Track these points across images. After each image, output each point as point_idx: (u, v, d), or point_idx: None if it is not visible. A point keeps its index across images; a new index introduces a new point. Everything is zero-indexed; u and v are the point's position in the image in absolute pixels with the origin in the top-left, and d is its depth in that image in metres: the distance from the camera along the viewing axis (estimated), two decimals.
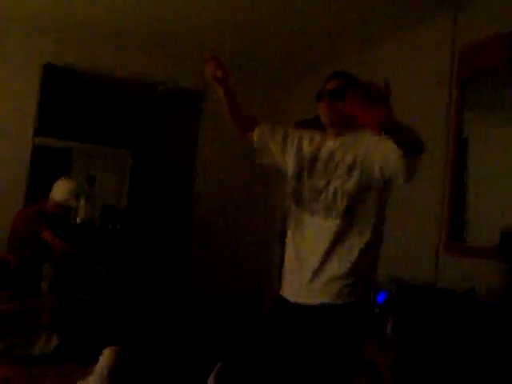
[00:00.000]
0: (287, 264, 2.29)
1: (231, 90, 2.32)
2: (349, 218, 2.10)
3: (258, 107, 4.21)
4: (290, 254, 2.27)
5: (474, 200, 3.14)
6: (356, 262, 2.09)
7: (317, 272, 2.13)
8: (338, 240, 2.11)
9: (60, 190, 4.10)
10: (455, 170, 3.22)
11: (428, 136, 3.37)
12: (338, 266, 2.10)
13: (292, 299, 2.21)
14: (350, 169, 2.11)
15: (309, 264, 2.16)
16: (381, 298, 2.76)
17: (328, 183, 2.15)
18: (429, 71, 3.54)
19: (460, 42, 3.28)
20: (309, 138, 2.31)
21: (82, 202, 7.53)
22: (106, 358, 2.47)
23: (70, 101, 6.49)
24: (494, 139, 3.05)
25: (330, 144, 2.22)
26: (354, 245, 2.10)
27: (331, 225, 2.12)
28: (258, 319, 4.89)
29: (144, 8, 3.84)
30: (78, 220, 7.36)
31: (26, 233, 3.95)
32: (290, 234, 2.29)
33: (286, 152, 2.33)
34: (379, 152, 2.00)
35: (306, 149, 2.27)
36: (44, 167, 5.57)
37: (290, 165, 2.30)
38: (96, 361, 2.50)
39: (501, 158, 2.97)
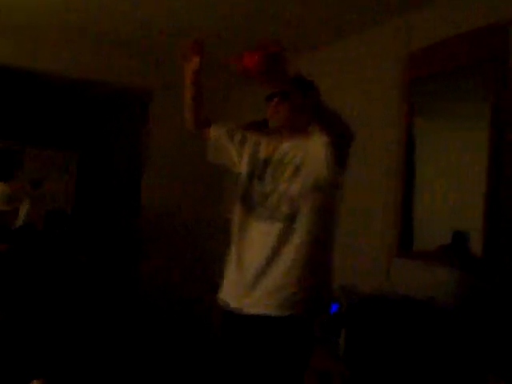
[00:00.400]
0: (229, 267, 2.22)
1: (200, 81, 2.26)
2: (292, 222, 2.05)
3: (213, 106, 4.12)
4: (232, 258, 2.20)
5: (421, 205, 3.13)
6: (300, 270, 2.03)
7: (258, 279, 2.07)
8: (280, 246, 2.05)
9: None
10: (404, 175, 3.21)
11: (378, 141, 3.43)
12: (281, 274, 2.04)
13: (233, 304, 2.14)
14: (297, 170, 2.08)
15: (251, 270, 2.10)
16: (334, 308, 2.72)
17: (275, 187, 2.11)
18: (379, 74, 3.51)
19: (409, 46, 3.26)
20: (266, 142, 2.27)
21: (25, 206, 7.31)
22: None
23: (17, 102, 6.27)
24: (441, 142, 3.06)
25: (283, 146, 2.19)
26: (298, 251, 2.04)
27: (274, 230, 2.06)
28: (208, 328, 4.80)
29: (89, 4, 3.69)
30: (20, 223, 7.11)
31: None
32: (234, 238, 2.21)
33: (241, 155, 2.29)
34: (317, 151, 1.98)
35: (262, 153, 2.24)
36: None
37: (243, 168, 2.26)
38: None
39: (447, 161, 2.98)
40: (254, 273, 2.08)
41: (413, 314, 2.61)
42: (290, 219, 2.05)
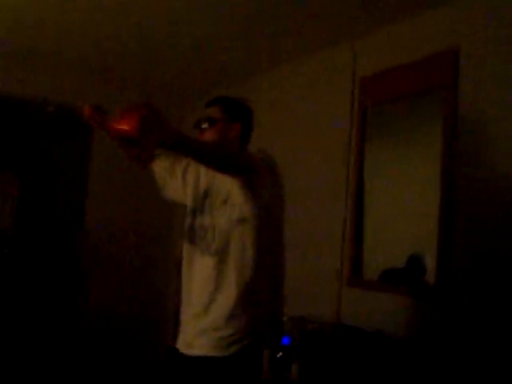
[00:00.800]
0: (183, 304, 2.10)
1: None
2: (224, 257, 1.93)
3: None
4: (183, 295, 2.09)
5: (372, 232, 3.09)
6: (237, 306, 1.89)
7: (198, 318, 1.96)
8: (216, 281, 1.93)
9: None
10: (355, 202, 3.15)
11: (327, 168, 3.37)
12: (219, 311, 1.91)
13: (181, 348, 2.02)
14: (224, 202, 1.98)
15: (193, 309, 1.99)
16: (285, 341, 2.61)
17: (211, 220, 2.00)
18: (329, 99, 3.47)
19: (360, 71, 3.24)
20: (204, 171, 2.14)
21: None
22: None
23: None
24: (393, 169, 3.03)
25: (217, 176, 2.05)
26: (233, 284, 1.91)
27: (210, 266, 1.95)
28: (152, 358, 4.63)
29: (28, 22, 3.52)
30: None
31: None
32: (182, 274, 2.10)
33: (185, 188, 2.20)
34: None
35: (202, 183, 2.13)
36: None
37: (188, 201, 2.16)
38: None
39: (400, 187, 2.94)
40: (195, 312, 1.98)
41: (364, 345, 2.54)
42: (222, 254, 1.94)
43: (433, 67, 2.76)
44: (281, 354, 2.53)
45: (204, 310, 1.94)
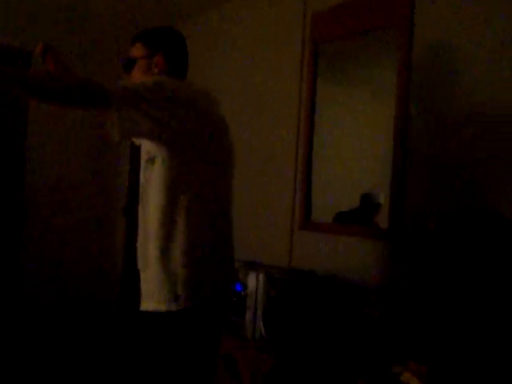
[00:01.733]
0: None
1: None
2: (146, 202, 1.83)
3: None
4: None
5: (325, 172, 3.02)
6: (161, 249, 1.77)
7: (141, 272, 1.88)
8: (144, 232, 1.84)
9: None
10: (307, 140, 3.06)
11: (280, 105, 3.27)
12: (149, 263, 1.82)
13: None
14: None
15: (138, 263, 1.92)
16: (237, 288, 2.55)
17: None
18: (280, 34, 3.33)
19: (311, 7, 3.10)
20: None
21: None
22: None
23: None
24: (344, 106, 2.94)
25: None
26: (153, 237, 1.80)
27: (140, 215, 1.87)
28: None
29: None
30: None
31: None
32: None
33: None
34: None
35: None
36: None
37: None
38: None
39: (351, 124, 2.87)
40: (139, 267, 1.89)
41: (318, 289, 2.51)
42: (144, 201, 1.83)
43: (388, 5, 2.64)
44: (234, 299, 2.46)
45: (142, 265, 1.86)
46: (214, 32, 3.87)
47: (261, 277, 2.51)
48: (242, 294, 2.53)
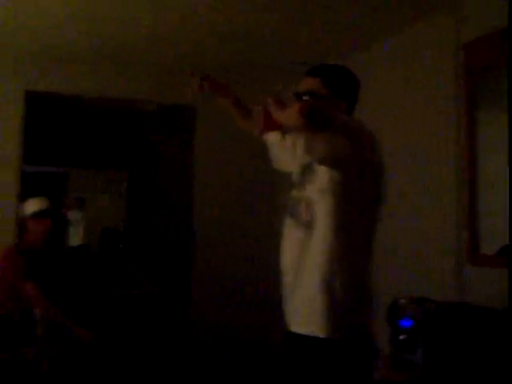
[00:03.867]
0: None
1: (234, 98, 2.25)
2: (310, 228, 1.85)
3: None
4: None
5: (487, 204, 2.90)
6: (326, 276, 1.78)
7: (290, 292, 1.91)
8: (303, 257, 1.86)
9: (30, 204, 3.47)
10: (471, 173, 2.98)
11: (437, 142, 3.22)
12: (307, 284, 1.83)
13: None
14: (313, 172, 1.92)
15: (285, 283, 1.94)
16: (405, 323, 2.52)
17: (303, 191, 1.94)
18: (431, 68, 3.31)
19: (462, 37, 3.06)
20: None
21: (79, 226, 7.42)
22: None
23: (63, 127, 6.44)
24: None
25: None
26: (316, 263, 1.81)
27: (297, 239, 1.89)
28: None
29: (121, 27, 3.67)
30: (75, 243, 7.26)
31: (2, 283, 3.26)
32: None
33: (294, 160, 2.08)
34: None
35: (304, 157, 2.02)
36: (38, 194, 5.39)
37: (293, 173, 2.08)
38: None
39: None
40: (286, 288, 1.93)
41: (491, 324, 2.40)
42: (309, 226, 1.86)
43: None
44: (404, 336, 2.43)
45: (296, 280, 1.88)
46: (363, 72, 3.92)
47: (431, 312, 2.46)
48: (413, 329, 2.49)
